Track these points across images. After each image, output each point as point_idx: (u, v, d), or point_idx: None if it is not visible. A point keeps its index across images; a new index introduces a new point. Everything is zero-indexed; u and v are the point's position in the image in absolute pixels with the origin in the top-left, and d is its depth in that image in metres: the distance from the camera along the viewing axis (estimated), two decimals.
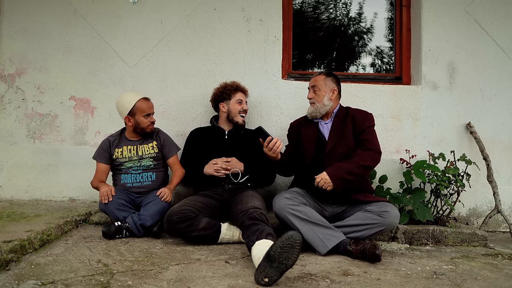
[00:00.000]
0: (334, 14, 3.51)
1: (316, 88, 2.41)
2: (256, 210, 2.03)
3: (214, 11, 3.06)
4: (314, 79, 2.47)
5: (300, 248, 1.57)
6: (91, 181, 2.51)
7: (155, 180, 2.53)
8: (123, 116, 2.50)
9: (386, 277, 1.76)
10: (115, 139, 2.57)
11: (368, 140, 2.28)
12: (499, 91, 3.09)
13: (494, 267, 1.99)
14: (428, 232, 2.46)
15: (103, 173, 2.51)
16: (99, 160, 2.53)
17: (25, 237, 1.87)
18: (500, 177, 3.00)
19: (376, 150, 2.26)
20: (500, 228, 3.04)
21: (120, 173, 2.53)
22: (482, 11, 3.09)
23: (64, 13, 3.04)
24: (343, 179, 2.16)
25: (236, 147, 2.61)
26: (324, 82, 2.41)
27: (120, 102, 2.50)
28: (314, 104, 2.41)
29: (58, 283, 1.52)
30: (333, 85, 2.42)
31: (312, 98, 2.43)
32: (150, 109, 2.51)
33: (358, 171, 2.18)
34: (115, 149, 2.53)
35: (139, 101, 2.47)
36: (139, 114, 2.47)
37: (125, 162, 2.51)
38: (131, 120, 2.48)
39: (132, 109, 2.45)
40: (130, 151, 2.52)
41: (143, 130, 2.51)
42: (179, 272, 1.71)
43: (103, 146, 2.55)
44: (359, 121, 2.33)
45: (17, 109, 3.04)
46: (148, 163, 2.53)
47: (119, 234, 2.22)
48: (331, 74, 2.47)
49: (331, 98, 2.40)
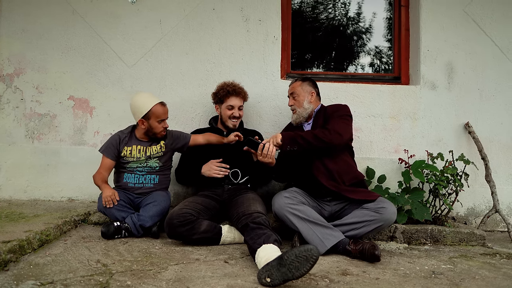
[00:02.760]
0: (333, 14, 3.52)
1: (295, 95, 2.53)
2: (260, 215, 2.04)
3: (213, 11, 3.06)
4: (291, 86, 2.59)
5: (314, 264, 1.55)
6: (94, 175, 2.44)
7: (157, 183, 2.50)
8: (137, 118, 2.43)
9: (384, 277, 1.76)
10: (126, 136, 2.49)
11: (329, 124, 2.33)
12: (497, 91, 3.10)
13: (492, 267, 2.00)
14: (427, 232, 2.47)
15: (107, 169, 2.46)
16: (106, 154, 2.45)
17: (24, 237, 1.87)
18: (498, 176, 3.01)
19: (333, 130, 2.27)
20: (498, 227, 3.05)
21: (124, 172, 2.49)
22: (481, 11, 3.09)
23: (62, 13, 3.04)
24: (293, 140, 2.23)
25: (236, 147, 2.60)
26: (301, 88, 2.52)
27: (136, 103, 2.42)
28: (296, 111, 2.52)
29: (57, 283, 1.52)
30: (310, 88, 2.53)
31: (293, 104, 2.54)
32: (165, 115, 2.45)
33: (309, 138, 2.22)
34: (124, 146, 2.46)
35: (156, 105, 2.39)
36: (154, 119, 2.40)
37: (132, 162, 2.46)
38: (145, 123, 2.42)
39: (147, 113, 2.38)
40: (139, 152, 2.47)
41: (155, 135, 2.47)
42: (178, 272, 1.71)
43: (112, 141, 2.47)
44: (329, 113, 2.42)
45: (15, 109, 3.03)
46: (154, 165, 2.48)
47: (118, 234, 2.22)
48: (307, 79, 2.58)
49: (311, 101, 2.51)
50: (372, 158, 3.01)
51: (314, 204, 2.31)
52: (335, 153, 2.34)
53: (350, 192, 2.26)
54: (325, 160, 2.32)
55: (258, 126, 3.00)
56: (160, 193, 2.45)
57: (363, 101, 3.05)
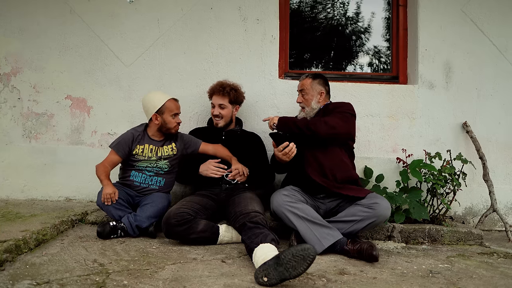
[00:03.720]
0: (332, 14, 3.51)
1: (304, 93, 2.48)
2: (258, 215, 2.04)
3: (211, 10, 3.06)
4: (301, 83, 2.53)
5: (311, 264, 1.55)
6: (97, 166, 2.37)
7: (162, 186, 2.49)
8: (150, 114, 2.44)
9: (382, 276, 1.76)
10: (139, 134, 2.48)
11: (326, 117, 2.32)
12: (495, 91, 3.10)
13: (490, 266, 2.01)
14: (425, 231, 2.47)
15: (113, 165, 2.43)
16: (116, 150, 2.41)
17: (21, 237, 1.87)
18: (496, 176, 3.01)
19: (325, 121, 2.26)
20: (496, 227, 3.05)
21: (132, 169, 2.46)
22: (478, 11, 3.10)
23: (60, 12, 3.03)
24: (286, 123, 2.32)
25: (233, 148, 2.61)
26: (311, 86, 2.47)
27: (149, 99, 2.46)
28: (304, 109, 2.49)
29: (53, 283, 1.51)
30: (320, 87, 2.48)
31: (301, 102, 2.50)
32: (178, 109, 2.48)
33: (302, 126, 2.26)
34: (137, 145, 2.45)
35: (169, 100, 2.44)
36: (168, 113, 2.42)
37: (143, 161, 2.44)
38: (158, 118, 2.43)
39: (161, 108, 2.41)
40: (152, 151, 2.45)
41: (169, 130, 2.47)
42: (175, 271, 1.71)
43: (125, 137, 2.45)
44: (331, 110, 2.40)
45: (12, 109, 3.02)
46: (164, 166, 2.47)
47: (114, 234, 2.21)
48: (318, 76, 2.52)
49: (319, 101, 2.47)
50: (370, 158, 3.01)
51: (311, 203, 2.30)
52: (329, 148, 2.32)
53: (340, 189, 2.25)
54: (317, 154, 2.32)
55: (255, 125, 2.99)
56: (159, 194, 2.43)
57: (361, 100, 3.05)
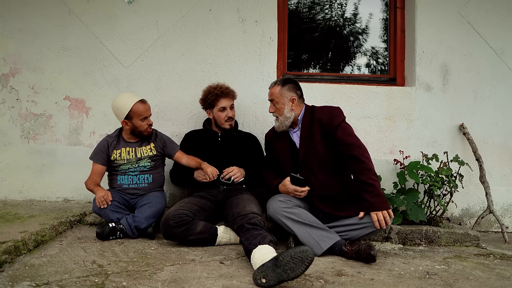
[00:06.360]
0: (330, 15, 3.53)
1: (275, 102, 2.31)
2: (255, 216, 2.05)
3: (210, 12, 3.07)
4: (270, 91, 2.35)
5: (309, 265, 1.56)
6: (86, 182, 2.45)
7: (151, 182, 2.51)
8: (120, 120, 2.45)
9: (379, 277, 1.77)
10: (113, 140, 2.51)
11: (345, 143, 2.17)
12: (491, 93, 3.13)
13: (486, 267, 2.02)
14: (421, 233, 2.48)
15: (98, 175, 2.47)
16: (95, 161, 2.48)
17: (19, 238, 1.87)
18: (492, 177, 3.03)
19: (361, 150, 2.17)
20: (492, 228, 3.07)
21: (117, 174, 2.50)
22: (475, 13, 3.12)
23: (59, 13, 3.03)
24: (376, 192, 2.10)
25: (230, 149, 2.61)
26: (281, 94, 2.29)
27: (116, 105, 2.44)
28: (278, 118, 2.32)
29: (53, 284, 1.52)
30: (291, 93, 2.30)
31: (274, 111, 2.33)
32: (147, 112, 2.46)
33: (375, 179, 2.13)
34: (113, 150, 2.48)
35: (136, 104, 2.40)
36: (136, 118, 2.41)
37: (123, 164, 2.47)
38: (129, 124, 2.43)
39: (129, 113, 2.39)
40: (129, 153, 2.48)
41: (141, 133, 2.48)
42: (174, 272, 1.72)
43: (100, 147, 2.49)
44: (326, 122, 2.22)
45: (11, 109, 3.02)
46: (146, 164, 2.49)
47: (113, 235, 2.22)
48: (287, 82, 2.34)
49: (292, 108, 2.29)
50: None
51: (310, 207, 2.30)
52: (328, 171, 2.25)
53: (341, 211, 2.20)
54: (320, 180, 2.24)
55: (254, 127, 3.01)
56: (155, 194, 2.45)
57: (358, 102, 3.07)
